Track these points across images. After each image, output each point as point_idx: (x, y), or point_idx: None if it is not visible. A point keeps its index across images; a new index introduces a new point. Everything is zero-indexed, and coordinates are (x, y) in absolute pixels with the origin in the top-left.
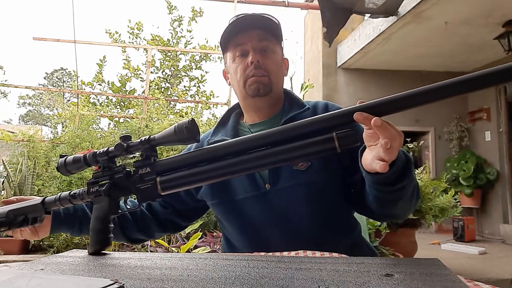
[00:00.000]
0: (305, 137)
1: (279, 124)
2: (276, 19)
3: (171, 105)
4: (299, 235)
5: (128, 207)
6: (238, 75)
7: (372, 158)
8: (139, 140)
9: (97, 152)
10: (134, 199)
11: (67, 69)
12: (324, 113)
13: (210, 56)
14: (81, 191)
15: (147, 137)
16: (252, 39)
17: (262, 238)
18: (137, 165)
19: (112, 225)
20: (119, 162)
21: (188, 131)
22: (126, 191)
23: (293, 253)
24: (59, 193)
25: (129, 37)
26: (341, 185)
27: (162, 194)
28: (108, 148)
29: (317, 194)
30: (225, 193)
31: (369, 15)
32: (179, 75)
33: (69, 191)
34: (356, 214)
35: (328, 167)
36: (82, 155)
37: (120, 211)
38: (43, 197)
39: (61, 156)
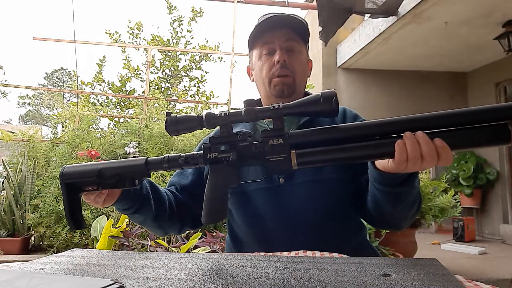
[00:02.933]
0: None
1: (298, 124)
2: (304, 20)
3: (171, 105)
4: (307, 232)
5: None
6: (264, 73)
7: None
8: (270, 106)
9: (217, 114)
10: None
11: (67, 69)
12: (343, 117)
13: (210, 56)
14: (195, 155)
15: (279, 104)
16: (280, 38)
17: (270, 232)
18: (267, 134)
19: (229, 196)
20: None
21: (336, 104)
22: (252, 161)
23: (293, 253)
24: (167, 155)
25: (129, 37)
26: (351, 186)
27: (295, 168)
28: (229, 111)
29: (329, 193)
30: None
31: (369, 15)
32: (179, 75)
33: (179, 154)
34: None
35: (341, 166)
36: (198, 114)
37: (241, 181)
38: (145, 157)
39: (168, 114)
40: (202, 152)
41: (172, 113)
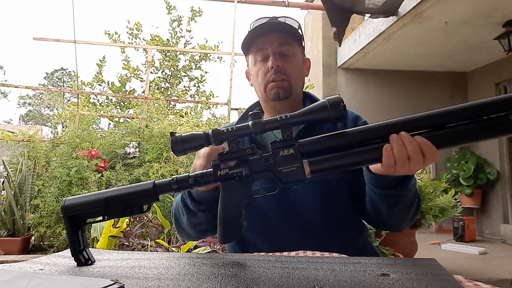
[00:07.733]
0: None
1: (299, 128)
2: (296, 20)
3: (171, 105)
4: (311, 232)
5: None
6: (259, 79)
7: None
8: (277, 117)
9: (223, 129)
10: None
11: (67, 69)
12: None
13: (210, 56)
14: (205, 173)
15: (287, 114)
16: (273, 43)
17: (275, 233)
18: (277, 146)
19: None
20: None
21: (344, 110)
22: (264, 174)
23: (292, 253)
24: (174, 176)
25: (129, 37)
26: (352, 186)
27: (309, 177)
28: (234, 126)
29: (331, 193)
30: None
31: (369, 15)
32: (178, 75)
33: (187, 173)
34: None
35: None
36: (203, 132)
37: (254, 196)
38: (152, 181)
39: (172, 134)
40: (212, 170)
41: (175, 132)
